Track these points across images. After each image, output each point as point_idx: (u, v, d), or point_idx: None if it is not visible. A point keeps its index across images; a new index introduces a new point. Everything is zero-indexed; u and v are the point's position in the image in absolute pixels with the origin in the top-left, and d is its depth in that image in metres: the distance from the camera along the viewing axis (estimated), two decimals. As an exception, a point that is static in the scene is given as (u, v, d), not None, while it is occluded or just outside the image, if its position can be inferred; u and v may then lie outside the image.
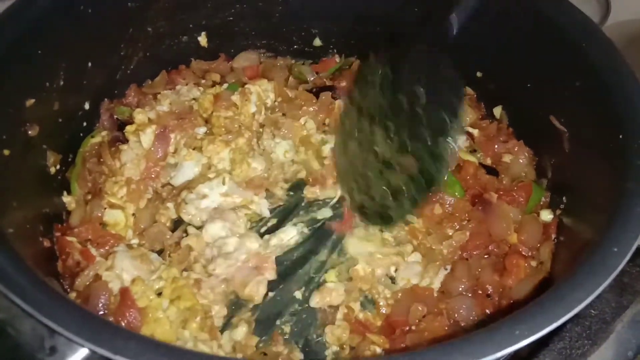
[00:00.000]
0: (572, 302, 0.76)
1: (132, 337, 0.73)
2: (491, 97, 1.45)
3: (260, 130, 1.41)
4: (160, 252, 1.22)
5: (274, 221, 1.29)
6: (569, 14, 1.18)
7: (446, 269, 1.20)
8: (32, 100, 1.12)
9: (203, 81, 1.49)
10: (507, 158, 1.34)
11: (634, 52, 1.43)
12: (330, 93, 1.45)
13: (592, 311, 1.09)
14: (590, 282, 0.78)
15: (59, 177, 1.25)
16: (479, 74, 1.44)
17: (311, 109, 1.42)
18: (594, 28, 1.16)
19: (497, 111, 1.44)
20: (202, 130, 1.37)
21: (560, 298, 0.77)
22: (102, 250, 1.18)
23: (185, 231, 1.24)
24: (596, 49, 1.11)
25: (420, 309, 1.11)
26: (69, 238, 1.16)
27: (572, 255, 1.01)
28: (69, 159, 1.29)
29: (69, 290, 1.11)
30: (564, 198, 1.21)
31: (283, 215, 1.30)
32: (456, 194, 1.28)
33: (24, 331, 0.77)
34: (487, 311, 1.12)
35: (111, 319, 1.03)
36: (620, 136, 0.99)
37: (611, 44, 1.12)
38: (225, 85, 1.44)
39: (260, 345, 1.11)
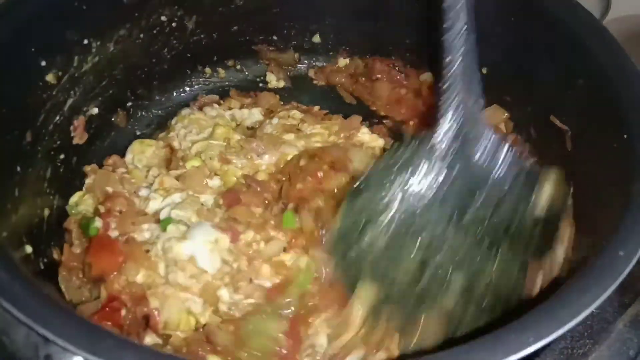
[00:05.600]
0: (579, 307, 0.75)
1: (130, 347, 0.71)
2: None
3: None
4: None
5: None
6: (573, 11, 1.17)
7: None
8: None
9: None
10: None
11: (634, 48, 1.41)
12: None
13: (594, 310, 1.07)
14: (597, 286, 0.77)
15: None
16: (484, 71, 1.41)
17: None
18: (598, 25, 1.15)
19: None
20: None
21: (567, 303, 0.76)
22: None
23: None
24: (600, 46, 1.10)
25: None
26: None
27: (577, 257, 1.00)
28: (66, 160, 1.27)
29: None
30: (566, 198, 1.19)
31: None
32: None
33: (18, 339, 0.75)
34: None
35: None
36: (625, 136, 0.98)
37: (615, 41, 1.10)
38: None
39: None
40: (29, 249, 1.06)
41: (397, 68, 1.55)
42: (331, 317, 1.10)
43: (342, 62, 1.60)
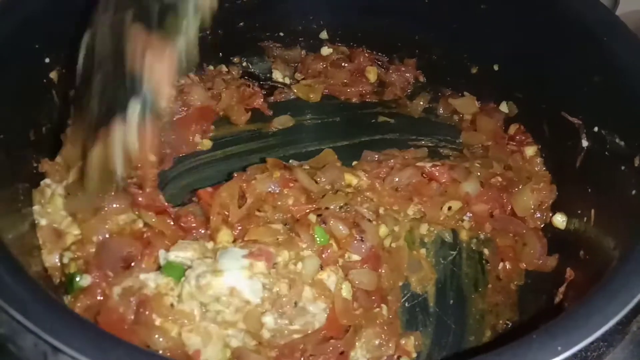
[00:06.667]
0: (608, 314, 0.73)
1: (142, 356, 0.68)
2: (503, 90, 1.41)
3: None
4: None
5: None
6: (589, 6, 1.14)
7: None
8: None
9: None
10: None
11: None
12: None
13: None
14: (626, 292, 0.75)
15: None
16: (495, 67, 1.40)
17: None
18: (616, 20, 1.12)
19: (504, 106, 1.42)
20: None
21: (595, 310, 0.73)
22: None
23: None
24: (618, 42, 1.07)
25: None
26: None
27: (600, 260, 0.97)
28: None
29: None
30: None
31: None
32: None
33: (26, 347, 0.72)
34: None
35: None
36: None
37: (634, 37, 1.08)
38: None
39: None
40: (33, 251, 1.04)
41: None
42: (374, 334, 1.07)
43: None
